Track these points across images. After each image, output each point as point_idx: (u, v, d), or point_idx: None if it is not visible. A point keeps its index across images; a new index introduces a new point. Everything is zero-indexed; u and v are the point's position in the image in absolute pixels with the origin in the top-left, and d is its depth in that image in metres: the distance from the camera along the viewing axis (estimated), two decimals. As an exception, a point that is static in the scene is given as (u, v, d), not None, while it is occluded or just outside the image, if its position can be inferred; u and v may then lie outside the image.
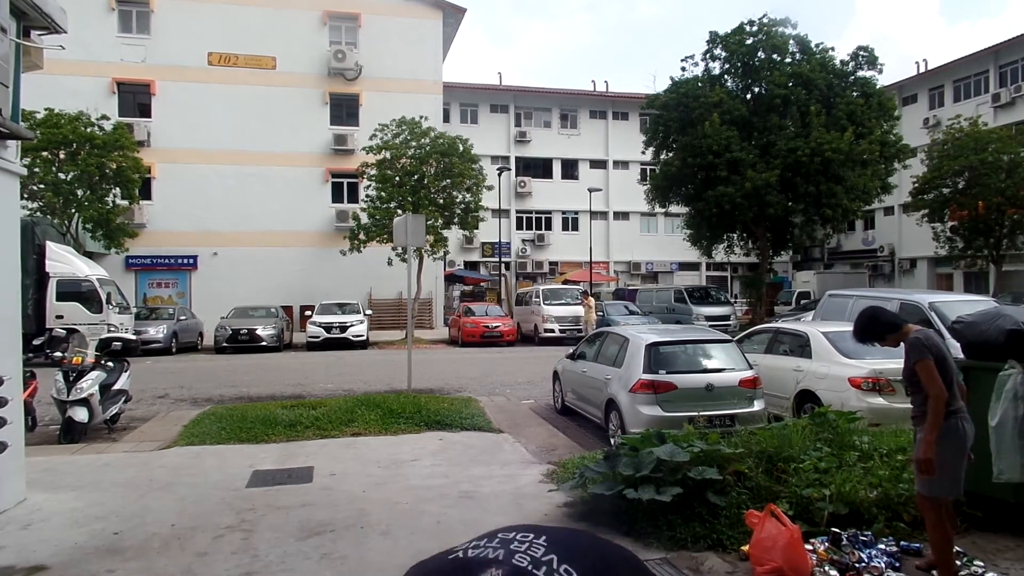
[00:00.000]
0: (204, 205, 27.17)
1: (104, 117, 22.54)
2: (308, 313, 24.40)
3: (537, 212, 38.27)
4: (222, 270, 27.25)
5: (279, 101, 28.05)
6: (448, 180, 24.08)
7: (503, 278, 33.89)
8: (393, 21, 29.48)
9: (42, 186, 21.05)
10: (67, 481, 6.06)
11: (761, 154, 25.03)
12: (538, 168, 38.44)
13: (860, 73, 26.40)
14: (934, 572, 3.96)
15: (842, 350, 7.88)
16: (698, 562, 4.12)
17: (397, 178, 23.68)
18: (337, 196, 29.25)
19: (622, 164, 38.89)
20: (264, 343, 20.80)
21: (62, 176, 21.44)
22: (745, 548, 4.09)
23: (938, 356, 3.64)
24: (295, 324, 26.00)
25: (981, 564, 4.01)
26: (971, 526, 4.54)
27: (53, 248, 17.08)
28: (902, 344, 3.84)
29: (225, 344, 20.73)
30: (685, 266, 39.26)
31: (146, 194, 26.11)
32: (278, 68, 28.47)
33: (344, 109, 29.44)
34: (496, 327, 22.36)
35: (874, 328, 3.93)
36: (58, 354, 8.22)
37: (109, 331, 13.73)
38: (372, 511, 5.18)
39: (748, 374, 7.49)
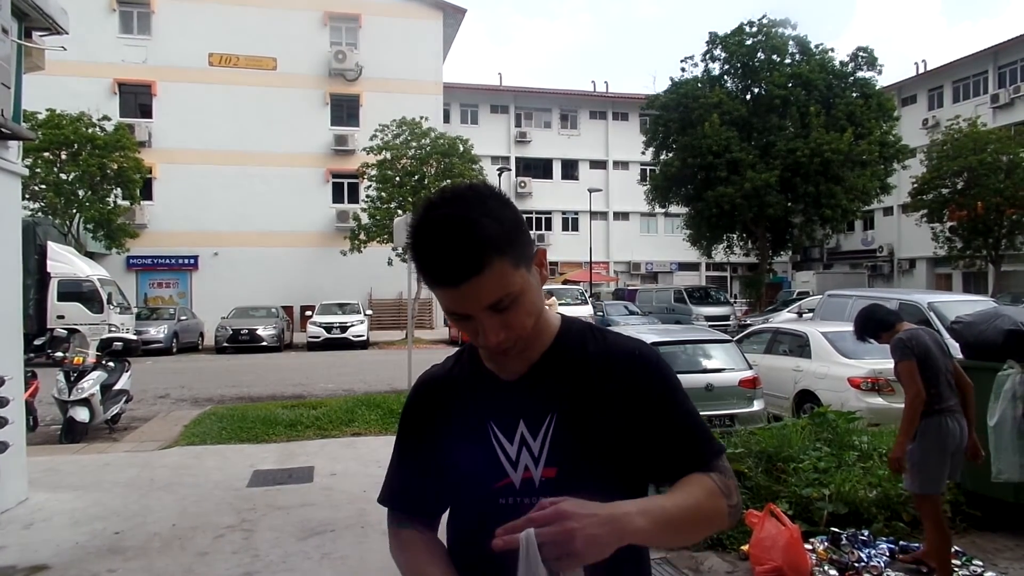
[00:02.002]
0: (205, 205, 27.18)
1: (105, 118, 22.54)
2: (308, 313, 24.41)
3: (537, 212, 38.28)
4: (223, 270, 27.27)
5: (280, 102, 28.06)
6: (448, 180, 24.08)
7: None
8: (394, 22, 29.51)
9: (43, 187, 21.06)
10: (68, 481, 6.07)
11: (761, 154, 25.06)
12: (538, 168, 38.47)
13: (859, 74, 26.45)
14: (924, 569, 3.98)
15: (841, 350, 7.89)
16: (698, 561, 4.14)
17: (397, 178, 23.70)
18: (338, 196, 29.27)
19: (622, 164, 38.92)
20: (264, 343, 20.81)
21: (63, 177, 21.45)
22: (745, 547, 4.10)
23: (921, 356, 3.65)
24: (295, 324, 26.01)
25: (980, 563, 4.02)
26: (970, 525, 4.55)
27: (54, 248, 17.03)
28: None
29: (226, 344, 20.74)
30: (685, 266, 39.28)
31: (147, 194, 26.11)
32: (279, 69, 28.49)
33: (345, 110, 29.47)
34: (496, 327, 22.31)
35: (867, 326, 3.98)
36: (59, 354, 8.22)
37: (110, 331, 13.73)
38: (372, 511, 5.18)
39: (748, 374, 7.49)
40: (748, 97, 27.03)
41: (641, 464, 1.17)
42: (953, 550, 4.02)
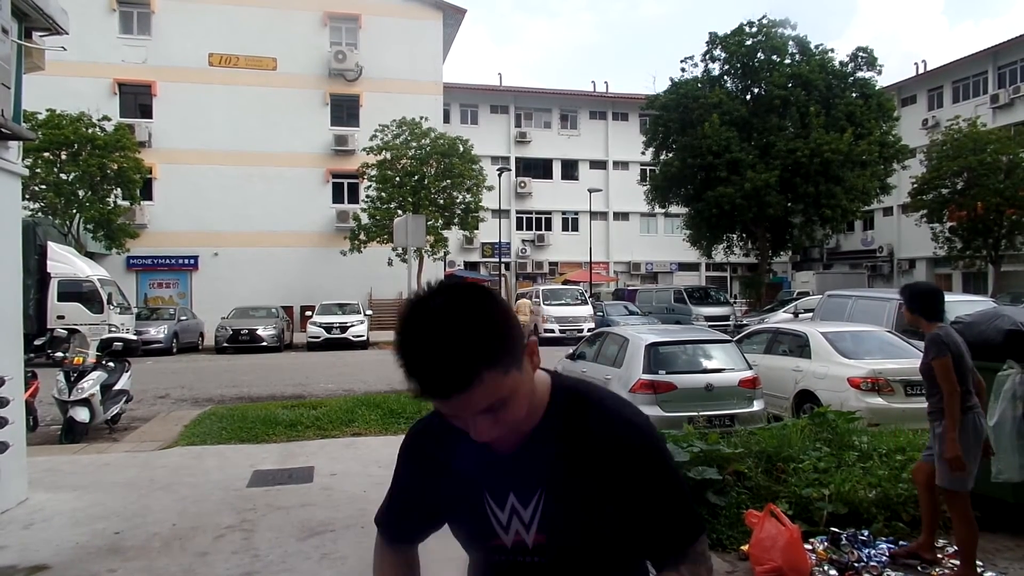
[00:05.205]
0: (205, 205, 27.18)
1: (105, 118, 22.55)
2: (308, 313, 24.40)
3: (537, 212, 38.28)
4: (223, 270, 27.26)
5: (280, 102, 28.07)
6: (448, 180, 24.11)
7: (503, 278, 33.89)
8: (393, 22, 29.51)
9: (44, 187, 21.07)
10: (68, 481, 6.07)
11: (760, 155, 25.06)
12: (538, 168, 38.46)
13: (859, 74, 26.48)
14: (922, 565, 3.99)
15: (841, 350, 7.89)
16: (697, 562, 4.12)
17: (397, 178, 23.72)
18: (338, 196, 29.27)
19: (622, 164, 38.92)
20: (264, 343, 20.80)
21: (64, 177, 21.46)
22: (745, 548, 4.10)
23: (956, 355, 3.70)
24: (295, 324, 25.99)
25: (980, 564, 4.01)
26: (970, 526, 4.55)
27: (54, 248, 16.92)
28: (924, 337, 3.91)
29: (226, 344, 20.73)
30: (685, 266, 39.28)
31: (147, 195, 26.13)
32: (279, 69, 28.50)
33: (345, 110, 29.47)
34: (496, 327, 22.30)
35: (926, 304, 3.94)
36: (59, 354, 8.22)
37: (110, 331, 13.73)
38: (372, 511, 5.12)
39: (748, 374, 7.49)
40: (748, 97, 27.04)
41: (630, 537, 1.19)
42: (952, 550, 4.04)
